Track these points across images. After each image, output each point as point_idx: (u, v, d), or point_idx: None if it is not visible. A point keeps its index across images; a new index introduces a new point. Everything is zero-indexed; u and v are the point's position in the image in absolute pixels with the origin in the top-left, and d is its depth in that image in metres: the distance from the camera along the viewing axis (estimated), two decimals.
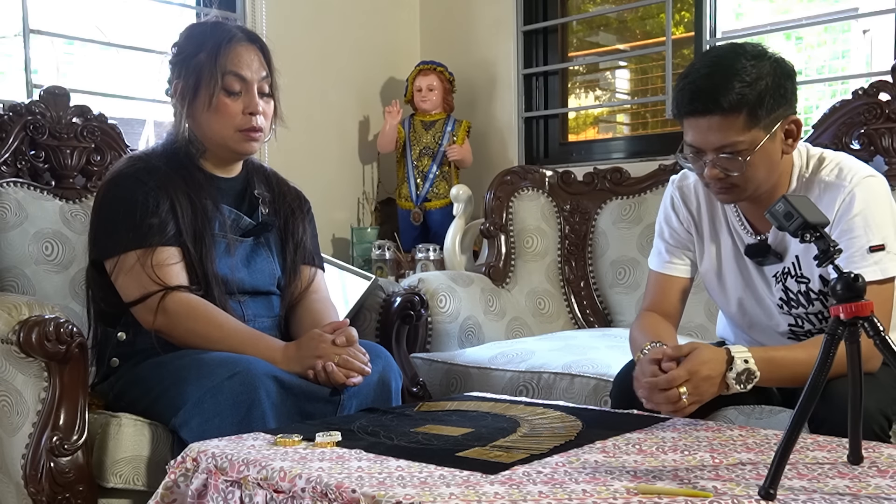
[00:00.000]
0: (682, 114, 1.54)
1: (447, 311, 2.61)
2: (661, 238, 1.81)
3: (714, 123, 1.49)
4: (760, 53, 1.51)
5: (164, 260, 1.72)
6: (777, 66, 1.51)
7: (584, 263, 2.93)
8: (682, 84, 1.53)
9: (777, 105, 1.49)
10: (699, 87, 1.50)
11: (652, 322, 1.72)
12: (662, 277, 1.79)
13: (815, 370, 1.06)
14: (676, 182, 1.80)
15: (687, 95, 1.51)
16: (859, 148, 2.41)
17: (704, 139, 1.52)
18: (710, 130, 1.50)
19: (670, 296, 1.78)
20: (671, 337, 1.71)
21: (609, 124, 3.77)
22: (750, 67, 1.48)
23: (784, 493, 1.04)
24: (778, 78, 1.50)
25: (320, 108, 3.38)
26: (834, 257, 1.11)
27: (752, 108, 1.47)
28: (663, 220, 1.81)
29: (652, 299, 1.80)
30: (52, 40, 2.89)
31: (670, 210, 1.79)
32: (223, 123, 1.80)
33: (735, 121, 1.48)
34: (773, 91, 1.48)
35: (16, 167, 2.20)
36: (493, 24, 3.57)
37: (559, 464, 1.19)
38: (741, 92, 1.46)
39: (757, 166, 1.52)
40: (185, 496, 1.29)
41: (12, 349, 1.57)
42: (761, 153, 1.51)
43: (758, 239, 1.67)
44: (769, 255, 1.64)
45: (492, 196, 2.95)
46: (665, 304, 1.78)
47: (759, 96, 1.47)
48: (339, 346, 1.66)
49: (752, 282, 1.70)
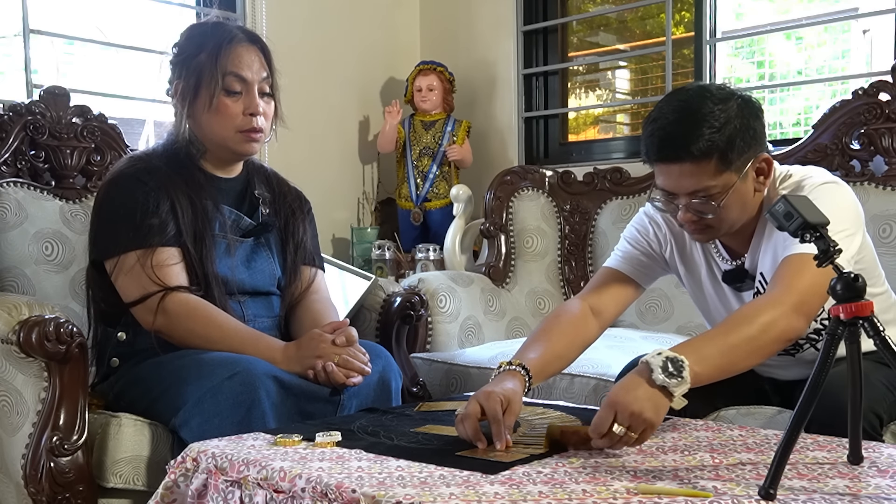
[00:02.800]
0: (651, 160, 1.53)
1: (447, 311, 2.61)
2: (628, 243, 1.74)
3: (685, 170, 1.48)
4: (727, 96, 1.49)
5: (164, 260, 1.72)
6: (744, 106, 1.49)
7: (584, 263, 2.93)
8: (650, 129, 1.51)
9: (747, 147, 1.48)
10: (668, 134, 1.48)
11: (567, 322, 1.62)
12: (611, 272, 1.73)
13: (815, 370, 1.06)
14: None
15: (656, 143, 1.50)
16: (859, 148, 2.41)
17: (676, 184, 1.51)
18: (682, 176, 1.49)
19: (608, 293, 1.70)
20: (586, 339, 1.64)
21: (609, 124, 3.77)
22: (718, 112, 1.46)
23: (784, 493, 1.04)
24: (746, 119, 1.48)
25: (320, 108, 3.38)
26: (834, 257, 1.11)
27: (723, 153, 1.46)
28: (635, 230, 1.75)
29: (590, 290, 1.72)
30: (52, 40, 2.89)
31: (648, 225, 1.73)
32: (223, 124, 1.79)
33: (706, 166, 1.47)
34: (741, 133, 1.47)
35: (16, 167, 2.20)
36: (493, 24, 3.57)
37: (559, 464, 1.19)
38: (710, 138, 1.45)
39: (730, 207, 1.51)
40: (185, 496, 1.29)
41: (12, 349, 1.57)
42: (734, 195, 1.50)
43: (734, 264, 1.65)
44: (746, 279, 1.63)
45: (492, 196, 2.95)
46: (600, 300, 1.69)
47: (729, 140, 1.46)
48: (339, 346, 1.66)
49: (731, 305, 1.67)
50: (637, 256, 1.72)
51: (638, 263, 1.72)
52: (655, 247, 1.73)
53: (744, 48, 4.26)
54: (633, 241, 1.74)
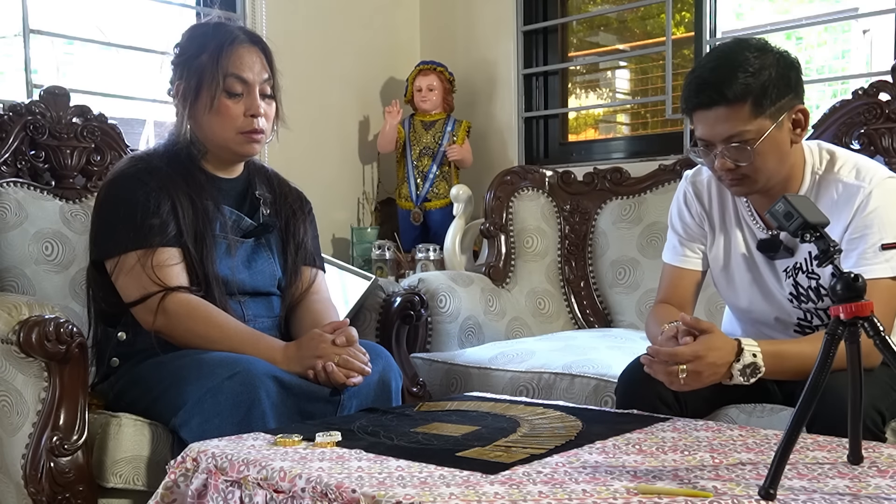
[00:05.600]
0: (689, 108, 1.58)
1: (447, 311, 2.61)
2: (674, 231, 1.83)
3: (721, 114, 1.53)
4: (764, 46, 1.55)
5: (164, 260, 1.72)
6: (781, 57, 1.55)
7: (584, 263, 2.93)
8: (689, 79, 1.58)
9: (782, 94, 1.53)
10: (705, 81, 1.54)
11: (668, 312, 1.73)
12: (676, 270, 1.81)
13: (815, 370, 1.06)
14: (690, 177, 1.82)
15: (693, 89, 1.56)
16: (859, 148, 2.41)
17: (712, 131, 1.55)
18: (718, 121, 1.54)
19: (683, 288, 1.80)
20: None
21: (609, 124, 3.77)
22: (753, 59, 1.52)
23: (784, 493, 1.04)
24: (782, 68, 1.53)
25: (320, 109, 3.38)
26: (834, 257, 1.11)
27: (757, 98, 1.51)
28: (676, 214, 1.83)
29: (666, 292, 1.82)
30: (52, 40, 2.89)
31: (683, 205, 1.81)
32: (224, 125, 1.80)
33: (740, 110, 1.51)
34: (776, 81, 1.52)
35: (16, 167, 2.20)
36: (493, 24, 3.57)
37: (559, 464, 1.19)
38: (745, 82, 1.50)
39: (765, 156, 1.55)
40: (185, 496, 1.29)
41: (12, 349, 1.57)
42: (769, 142, 1.53)
43: (770, 234, 1.68)
44: (781, 249, 1.66)
45: (492, 196, 2.95)
46: (678, 296, 1.80)
47: (763, 86, 1.51)
48: (339, 346, 1.66)
49: (762, 276, 1.71)
50: (687, 244, 1.80)
51: (690, 251, 1.80)
52: (696, 228, 1.80)
53: None
54: (679, 231, 1.82)
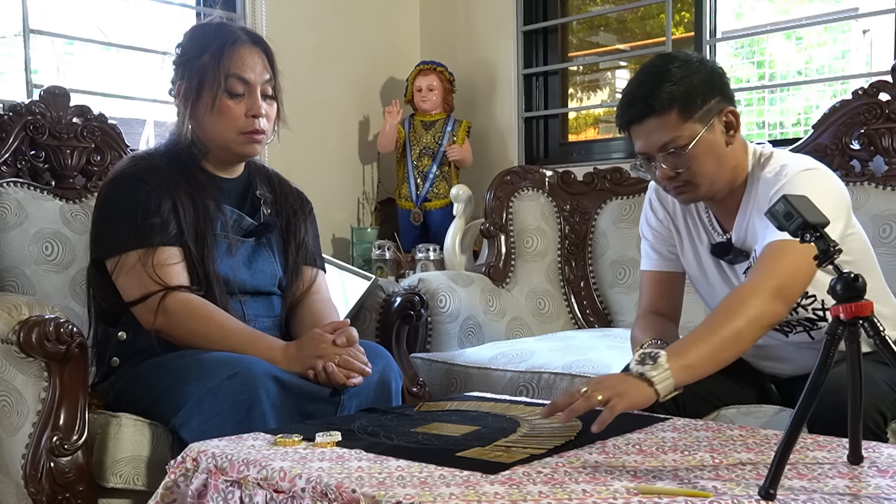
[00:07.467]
0: (624, 123, 1.63)
1: (447, 311, 2.61)
2: (645, 238, 1.85)
3: (652, 125, 1.57)
4: (687, 57, 1.61)
5: (165, 260, 1.72)
6: (702, 65, 1.60)
7: (584, 263, 2.93)
8: (621, 97, 1.63)
9: (707, 98, 1.57)
10: (634, 96, 1.59)
11: (650, 322, 1.73)
12: (653, 275, 1.82)
13: (815, 370, 1.06)
14: (654, 185, 1.82)
15: (625, 105, 1.61)
16: (859, 148, 2.41)
17: (647, 142, 1.60)
18: (651, 132, 1.58)
19: (664, 292, 1.81)
20: (671, 333, 1.71)
21: (609, 124, 3.77)
22: (676, 70, 1.57)
23: (784, 493, 1.04)
24: (704, 74, 1.58)
25: (320, 109, 3.38)
26: (834, 257, 1.11)
27: (683, 104, 1.55)
28: (644, 221, 1.85)
29: (647, 298, 1.82)
30: (52, 40, 2.89)
31: (649, 211, 1.84)
32: (226, 125, 1.79)
33: (669, 118, 1.56)
34: (700, 86, 1.56)
35: (16, 167, 2.20)
36: (493, 24, 3.57)
37: (559, 464, 1.19)
38: (669, 91, 1.55)
39: (701, 159, 1.58)
40: (185, 496, 1.29)
41: (12, 349, 1.57)
42: (703, 145, 1.57)
43: (725, 238, 1.70)
44: (732, 252, 1.68)
45: (492, 196, 2.95)
46: (660, 301, 1.80)
47: (688, 92, 1.55)
48: (339, 347, 1.66)
49: (728, 277, 1.72)
50: (659, 249, 1.81)
51: (662, 255, 1.81)
52: (664, 231, 1.81)
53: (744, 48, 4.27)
54: (649, 238, 1.83)
